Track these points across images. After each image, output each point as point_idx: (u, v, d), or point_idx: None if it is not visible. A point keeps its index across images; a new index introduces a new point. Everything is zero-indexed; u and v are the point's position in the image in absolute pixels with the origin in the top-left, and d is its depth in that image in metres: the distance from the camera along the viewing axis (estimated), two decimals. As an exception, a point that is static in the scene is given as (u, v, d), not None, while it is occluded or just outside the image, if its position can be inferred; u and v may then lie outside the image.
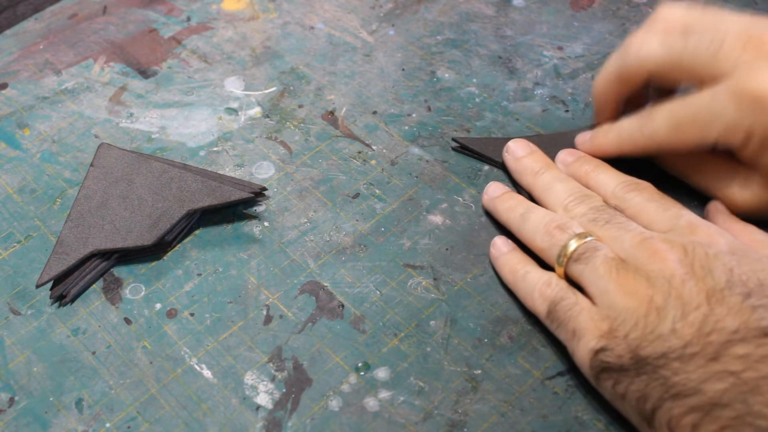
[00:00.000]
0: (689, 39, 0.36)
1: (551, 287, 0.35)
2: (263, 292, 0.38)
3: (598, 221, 0.36)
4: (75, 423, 0.34)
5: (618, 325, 0.32)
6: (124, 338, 0.37)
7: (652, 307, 0.31)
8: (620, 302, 0.32)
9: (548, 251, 0.36)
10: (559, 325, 0.34)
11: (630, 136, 0.39)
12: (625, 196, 0.37)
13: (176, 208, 0.39)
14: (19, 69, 0.50)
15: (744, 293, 0.30)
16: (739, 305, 0.30)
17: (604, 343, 0.32)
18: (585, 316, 0.33)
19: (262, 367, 0.36)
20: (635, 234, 0.34)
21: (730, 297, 0.30)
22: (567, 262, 0.35)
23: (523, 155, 0.41)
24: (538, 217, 0.37)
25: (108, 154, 0.42)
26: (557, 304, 0.34)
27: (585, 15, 0.51)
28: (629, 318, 0.31)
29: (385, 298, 0.38)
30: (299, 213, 0.41)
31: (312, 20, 0.52)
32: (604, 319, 0.32)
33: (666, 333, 0.30)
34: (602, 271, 0.33)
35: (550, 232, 0.36)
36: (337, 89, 0.48)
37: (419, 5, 0.53)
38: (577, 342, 0.33)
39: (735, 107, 0.34)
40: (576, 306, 0.33)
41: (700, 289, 0.31)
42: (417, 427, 0.33)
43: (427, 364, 0.35)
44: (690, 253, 0.32)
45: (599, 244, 0.34)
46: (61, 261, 0.38)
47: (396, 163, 0.44)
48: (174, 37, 0.52)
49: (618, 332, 0.31)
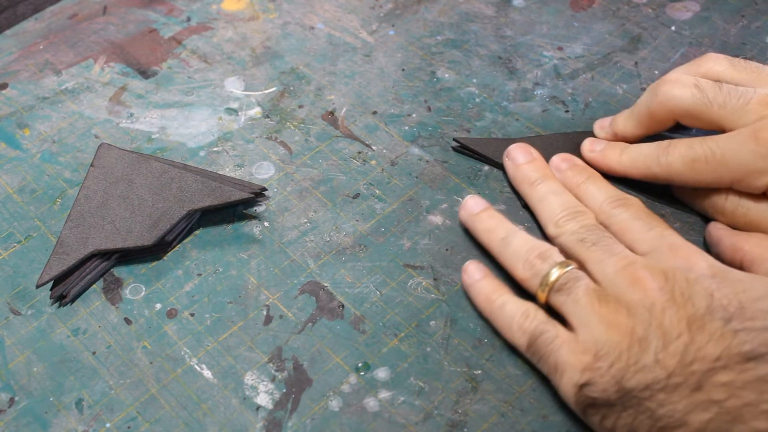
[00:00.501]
0: (722, 90, 0.37)
1: (530, 319, 0.34)
2: (263, 292, 0.38)
3: (586, 242, 0.35)
4: (75, 423, 0.34)
5: (601, 357, 0.31)
6: (124, 338, 0.37)
7: (634, 338, 0.31)
8: (602, 334, 0.32)
9: (529, 280, 0.35)
10: (540, 359, 0.34)
11: (644, 162, 0.39)
12: (612, 212, 0.37)
13: (176, 209, 0.39)
14: (19, 69, 0.50)
15: (725, 318, 0.30)
16: (720, 331, 0.30)
17: (588, 377, 0.31)
18: (566, 350, 0.32)
19: (262, 367, 0.36)
20: (618, 259, 0.34)
21: (711, 323, 0.30)
22: (548, 291, 0.34)
23: (523, 162, 0.41)
24: (520, 244, 0.36)
25: (108, 155, 0.42)
26: (537, 338, 0.34)
27: (585, 15, 0.51)
28: (612, 350, 0.31)
29: (385, 299, 0.38)
30: (299, 213, 0.42)
31: (312, 20, 0.52)
32: (586, 352, 0.32)
33: (649, 364, 0.30)
34: (584, 302, 0.33)
35: (531, 261, 0.35)
36: (337, 89, 0.48)
37: (419, 5, 0.53)
38: (560, 377, 0.33)
39: (753, 151, 0.35)
40: (557, 339, 0.33)
41: (680, 316, 0.31)
42: (417, 427, 0.33)
43: (427, 365, 0.35)
44: (670, 280, 0.32)
45: (580, 274, 0.34)
46: (61, 261, 0.38)
47: (396, 164, 0.44)
48: (174, 37, 0.52)
49: (601, 365, 0.31)
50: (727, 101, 0.36)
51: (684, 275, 0.32)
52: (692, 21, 0.51)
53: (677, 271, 0.32)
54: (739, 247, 0.36)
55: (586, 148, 0.42)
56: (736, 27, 0.50)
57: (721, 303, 0.31)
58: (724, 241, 0.37)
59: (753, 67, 0.38)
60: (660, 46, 0.49)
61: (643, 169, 0.39)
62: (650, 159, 0.39)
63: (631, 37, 0.50)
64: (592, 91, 0.47)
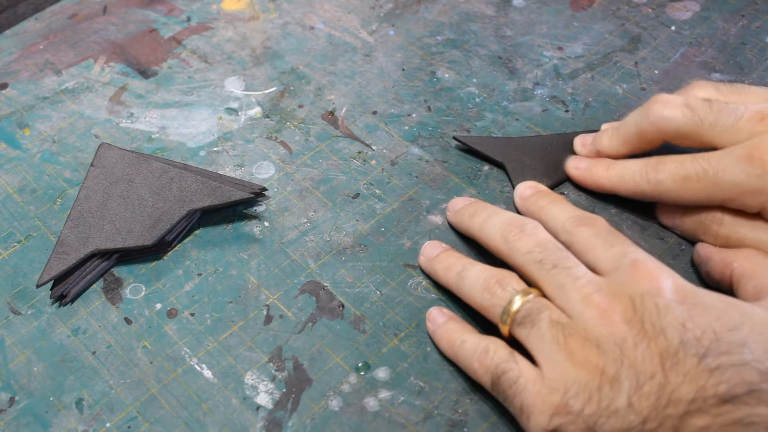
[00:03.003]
0: (712, 108, 0.36)
1: (489, 356, 0.32)
2: (263, 292, 0.38)
3: (545, 264, 0.33)
4: (75, 423, 0.34)
5: (570, 398, 0.29)
6: (125, 338, 0.37)
7: (605, 378, 0.29)
8: (570, 373, 0.30)
9: (490, 310, 0.33)
10: (505, 400, 0.32)
11: (632, 179, 0.38)
12: (574, 230, 0.35)
13: (176, 208, 0.39)
14: (19, 69, 0.50)
15: (699, 353, 0.28)
16: (694, 369, 0.28)
17: (558, 422, 0.29)
18: (532, 390, 0.31)
19: (262, 367, 0.36)
20: (582, 285, 0.32)
21: (685, 359, 0.28)
22: (510, 323, 0.32)
23: (461, 206, 0.40)
24: (476, 273, 0.35)
25: (108, 154, 0.42)
26: (500, 377, 0.32)
27: (585, 15, 0.51)
28: (581, 391, 0.29)
29: (385, 298, 0.38)
30: (299, 213, 0.42)
31: (312, 20, 0.52)
32: (553, 392, 0.30)
33: (623, 408, 0.29)
34: (549, 337, 0.31)
35: (489, 288, 0.34)
36: (337, 89, 0.48)
37: (419, 5, 0.53)
38: (527, 420, 0.31)
39: (746, 170, 0.34)
40: (521, 379, 0.31)
41: (653, 352, 0.29)
42: (417, 427, 0.33)
43: (427, 364, 0.35)
44: (639, 308, 0.30)
45: (543, 303, 0.32)
46: (61, 261, 0.38)
47: (396, 163, 0.44)
48: (174, 37, 0.52)
49: (572, 408, 0.29)
50: (719, 119, 0.36)
51: (653, 302, 0.30)
52: (692, 21, 0.51)
53: (645, 297, 0.30)
54: (728, 262, 0.35)
55: (570, 165, 0.41)
56: (736, 27, 0.50)
57: (694, 335, 0.29)
58: (714, 257, 0.36)
59: (738, 89, 0.38)
60: (660, 45, 0.49)
61: (631, 185, 0.38)
62: (638, 176, 0.38)
63: (631, 37, 0.50)
64: (592, 91, 0.47)
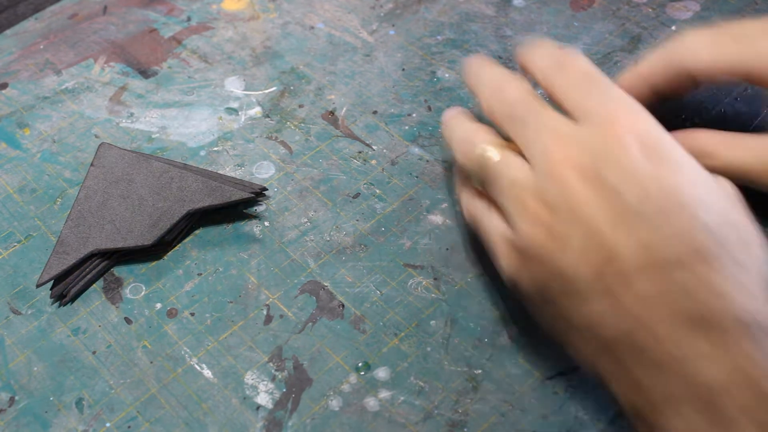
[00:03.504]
0: (746, 39, 0.34)
1: (469, 204, 0.35)
2: (263, 291, 0.38)
3: (515, 118, 0.32)
4: (75, 423, 0.34)
5: (525, 256, 0.30)
6: (125, 338, 0.37)
7: (554, 236, 0.29)
8: (525, 232, 0.30)
9: (467, 166, 0.34)
10: (482, 237, 0.34)
11: (759, 157, 0.34)
12: (554, 76, 0.33)
13: (176, 208, 0.39)
14: (19, 69, 0.50)
15: (652, 215, 0.27)
16: (644, 231, 0.27)
17: (516, 279, 0.31)
18: (500, 243, 0.32)
19: (262, 367, 0.36)
20: (545, 138, 0.30)
21: (636, 221, 0.27)
22: (480, 182, 0.33)
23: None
24: (461, 130, 0.35)
25: (108, 154, 0.42)
26: (478, 228, 0.34)
27: (585, 15, 0.51)
28: (534, 250, 0.29)
29: (385, 298, 0.38)
30: (299, 213, 0.42)
31: (312, 20, 0.52)
32: (512, 250, 0.31)
33: (569, 270, 0.28)
34: (507, 195, 0.31)
35: (464, 145, 0.34)
36: (338, 89, 0.48)
37: (419, 5, 0.53)
38: (497, 264, 0.32)
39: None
40: (492, 233, 0.33)
41: (606, 214, 0.27)
42: (417, 427, 0.33)
43: (428, 364, 0.35)
44: (599, 164, 0.28)
45: (509, 160, 0.31)
46: (61, 261, 0.38)
47: (396, 163, 0.44)
48: (174, 37, 0.52)
49: (525, 268, 0.30)
50: (760, 47, 0.33)
51: (615, 158, 0.28)
52: (692, 21, 0.51)
53: (609, 152, 0.28)
54: None
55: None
56: (737, 27, 0.50)
57: (653, 196, 0.27)
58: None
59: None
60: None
61: (756, 163, 0.34)
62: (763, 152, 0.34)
63: (631, 36, 0.50)
64: (593, 91, 0.47)
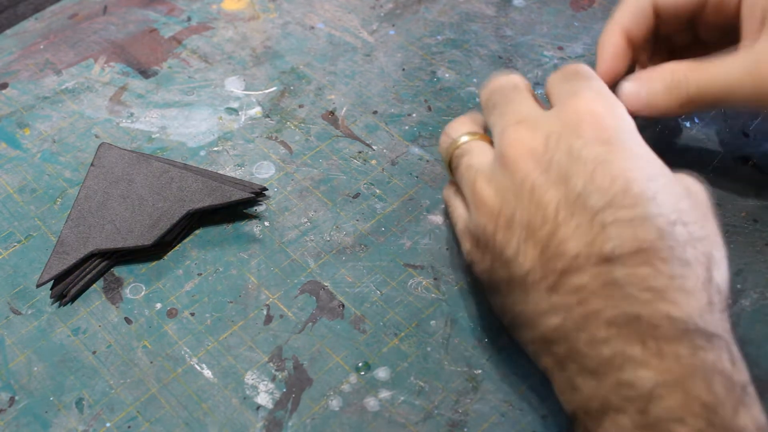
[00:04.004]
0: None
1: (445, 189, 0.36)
2: (263, 291, 0.38)
3: (489, 104, 0.33)
4: (75, 423, 0.34)
5: (478, 243, 0.29)
6: (125, 338, 0.37)
7: (500, 223, 0.28)
8: (476, 218, 0.29)
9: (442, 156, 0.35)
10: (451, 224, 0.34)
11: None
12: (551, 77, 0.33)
13: (176, 208, 0.39)
14: (19, 69, 0.50)
15: (598, 206, 0.26)
16: (588, 222, 0.26)
17: (471, 259, 0.31)
18: (460, 227, 0.33)
19: (262, 367, 0.36)
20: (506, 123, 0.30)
21: (582, 211, 0.26)
22: (449, 168, 0.34)
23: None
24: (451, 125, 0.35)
25: (108, 154, 0.42)
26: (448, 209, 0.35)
27: (585, 15, 0.51)
28: (483, 237, 0.29)
29: (385, 298, 0.38)
30: (299, 213, 0.41)
31: (312, 20, 0.52)
32: (469, 234, 0.30)
33: (511, 256, 0.27)
34: (464, 180, 0.31)
35: (442, 136, 0.35)
36: (338, 89, 0.48)
37: (419, 5, 0.53)
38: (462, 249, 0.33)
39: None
40: (456, 211, 0.33)
41: (550, 199, 0.26)
42: (417, 427, 0.33)
43: (428, 364, 0.35)
44: (551, 149, 0.27)
45: (472, 146, 0.31)
46: (61, 260, 0.38)
47: (396, 163, 0.44)
48: (174, 37, 0.52)
49: (476, 253, 0.29)
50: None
51: (568, 144, 0.27)
52: (692, 21, 0.51)
53: (562, 136, 0.27)
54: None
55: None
56: (737, 27, 0.50)
57: (602, 184, 0.26)
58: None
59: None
60: (660, 45, 0.49)
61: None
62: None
63: (631, 36, 0.50)
64: (593, 91, 0.47)
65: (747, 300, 0.36)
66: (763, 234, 0.39)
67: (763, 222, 0.39)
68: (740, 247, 0.38)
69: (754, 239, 0.38)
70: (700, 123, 0.44)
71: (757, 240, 0.38)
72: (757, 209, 0.39)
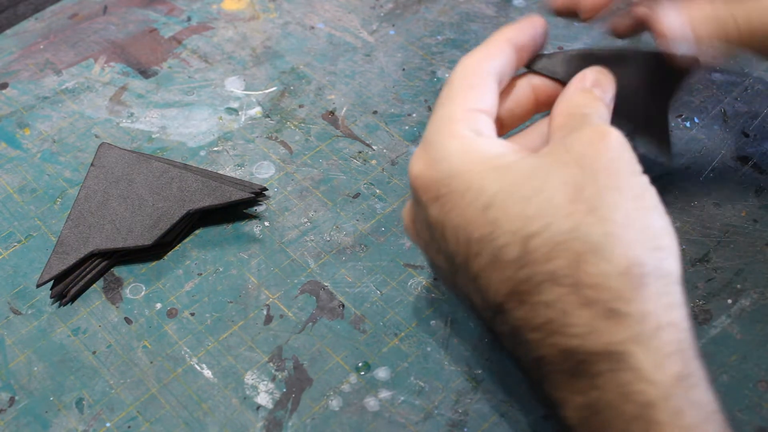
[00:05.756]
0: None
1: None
2: (263, 291, 0.38)
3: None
4: (75, 423, 0.34)
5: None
6: (125, 338, 0.37)
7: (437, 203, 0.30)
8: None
9: None
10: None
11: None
12: None
13: (176, 208, 0.39)
14: (19, 69, 0.50)
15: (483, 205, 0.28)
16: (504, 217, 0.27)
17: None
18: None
19: (262, 367, 0.36)
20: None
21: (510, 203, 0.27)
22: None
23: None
24: None
25: (108, 154, 0.42)
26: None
27: (585, 15, 0.51)
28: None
29: (385, 298, 0.38)
30: (299, 213, 0.42)
31: (312, 20, 0.52)
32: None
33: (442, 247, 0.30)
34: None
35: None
36: (338, 89, 0.48)
37: (419, 5, 0.53)
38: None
39: None
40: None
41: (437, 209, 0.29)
42: (417, 427, 0.33)
43: (428, 364, 0.35)
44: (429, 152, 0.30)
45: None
46: (61, 260, 0.38)
47: (396, 163, 0.44)
48: (174, 37, 0.52)
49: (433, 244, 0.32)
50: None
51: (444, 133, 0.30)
52: (692, 21, 0.50)
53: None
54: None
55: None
56: (737, 27, 0.50)
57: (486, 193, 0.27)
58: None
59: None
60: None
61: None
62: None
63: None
64: (593, 91, 0.47)
65: (747, 300, 0.36)
66: (763, 234, 0.39)
67: (763, 222, 0.39)
68: (740, 247, 0.38)
69: (754, 239, 0.38)
70: (700, 123, 0.44)
71: (757, 240, 0.38)
72: (757, 209, 0.39)
